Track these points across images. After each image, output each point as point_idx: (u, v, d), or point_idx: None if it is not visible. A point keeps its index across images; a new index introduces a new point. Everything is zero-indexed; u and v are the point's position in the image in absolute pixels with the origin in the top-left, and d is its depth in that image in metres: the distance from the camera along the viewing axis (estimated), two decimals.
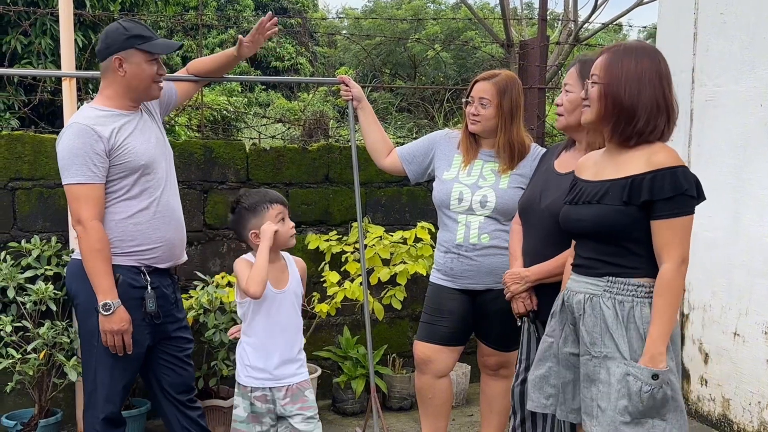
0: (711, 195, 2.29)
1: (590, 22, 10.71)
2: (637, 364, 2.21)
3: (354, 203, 3.85)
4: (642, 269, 2.28)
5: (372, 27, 16.71)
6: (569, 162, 2.87)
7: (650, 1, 10.57)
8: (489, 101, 3.19)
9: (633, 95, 2.26)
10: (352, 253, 4.44)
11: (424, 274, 4.15)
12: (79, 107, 3.15)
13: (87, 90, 6.24)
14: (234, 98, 11.53)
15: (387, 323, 4.81)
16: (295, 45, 17.52)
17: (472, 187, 3.25)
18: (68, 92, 3.70)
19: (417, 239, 4.47)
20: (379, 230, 4.51)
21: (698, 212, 2.28)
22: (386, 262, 4.42)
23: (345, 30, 18.89)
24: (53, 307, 3.74)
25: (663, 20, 4.70)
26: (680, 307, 4.47)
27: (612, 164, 2.34)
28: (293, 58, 17.40)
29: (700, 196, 2.24)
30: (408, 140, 5.13)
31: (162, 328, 3.02)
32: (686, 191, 2.20)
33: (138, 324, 2.89)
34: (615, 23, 11.25)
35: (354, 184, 3.71)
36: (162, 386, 3.11)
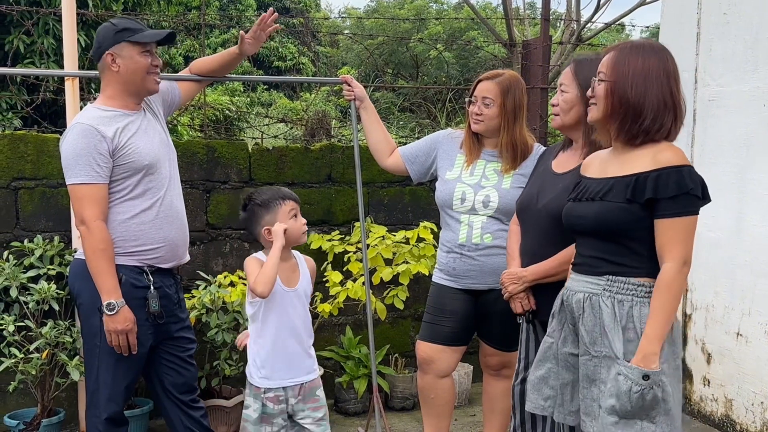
0: (714, 195, 2.27)
1: (593, 22, 10.71)
2: (629, 364, 2.17)
3: (356, 203, 3.85)
4: (643, 269, 2.25)
5: (374, 27, 16.72)
6: (566, 162, 2.88)
7: (653, 1, 10.57)
8: (492, 101, 3.19)
9: (640, 93, 2.23)
10: (355, 253, 4.44)
11: (427, 274, 4.15)
12: (82, 107, 3.15)
13: (90, 90, 6.24)
14: (236, 98, 11.53)
15: (389, 323, 4.81)
16: (298, 45, 17.53)
17: (475, 187, 3.24)
18: (71, 92, 3.71)
19: (419, 239, 4.47)
20: (382, 230, 4.51)
21: (701, 212, 2.26)
22: (389, 262, 4.42)
23: (347, 30, 18.90)
24: (56, 307, 3.75)
25: (666, 20, 4.69)
26: (683, 307, 4.47)
27: (617, 162, 2.32)
28: (295, 58, 17.42)
29: (706, 198, 2.21)
30: (410, 140, 5.13)
31: (165, 328, 3.02)
32: (691, 191, 2.17)
33: (141, 324, 2.89)
34: (617, 23, 11.25)
35: (356, 184, 3.71)
36: (164, 386, 3.11)
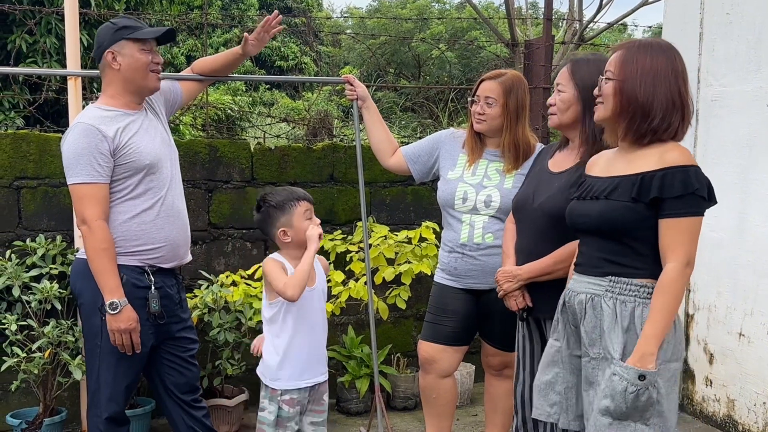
0: (717, 195, 2.26)
1: (595, 22, 10.71)
2: (624, 364, 2.15)
3: (359, 203, 3.85)
4: (646, 270, 2.23)
5: (376, 26, 16.71)
6: (562, 161, 2.87)
7: (655, 1, 10.58)
8: (495, 100, 3.19)
9: (648, 92, 2.21)
10: (357, 253, 4.44)
11: (429, 274, 4.15)
12: (85, 106, 3.15)
13: (92, 89, 6.24)
14: (239, 97, 11.55)
15: (391, 323, 4.80)
16: (300, 44, 17.54)
17: (477, 187, 3.24)
18: (73, 91, 3.71)
19: (422, 239, 4.47)
20: (384, 230, 4.51)
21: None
22: (391, 262, 4.42)
23: (349, 29, 18.90)
24: (58, 306, 3.75)
25: (669, 20, 4.69)
26: (685, 308, 4.47)
27: (623, 161, 2.30)
28: (297, 58, 17.42)
29: (711, 199, 2.19)
30: (412, 140, 5.13)
31: (166, 329, 3.01)
32: (696, 191, 2.15)
33: (142, 324, 2.88)
34: (620, 23, 11.24)
35: (359, 184, 3.71)
36: (166, 386, 3.11)
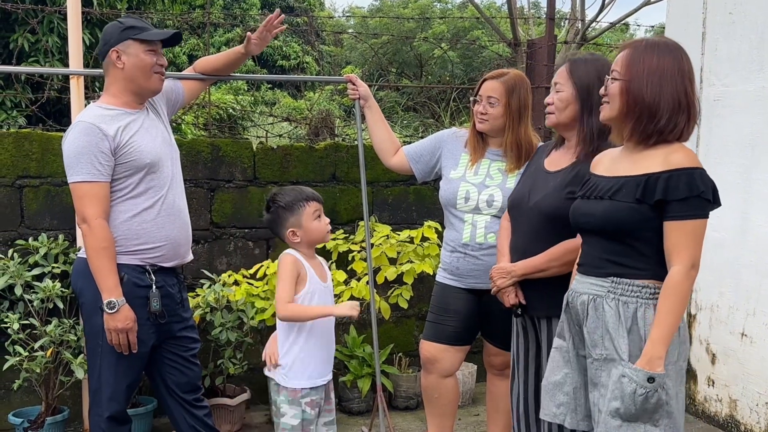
0: (719, 195, 2.26)
1: (597, 22, 10.69)
2: (634, 366, 2.15)
3: (361, 202, 3.85)
4: (648, 270, 2.23)
5: (378, 26, 16.70)
6: (558, 160, 2.87)
7: (657, 1, 10.56)
8: (497, 100, 3.18)
9: (655, 93, 2.20)
10: (359, 252, 4.44)
11: (431, 274, 4.15)
12: (87, 105, 3.15)
13: (94, 88, 6.24)
14: (240, 97, 11.54)
15: (393, 322, 4.80)
16: (302, 44, 17.53)
17: (479, 186, 3.24)
18: (76, 90, 3.71)
19: (424, 238, 4.47)
20: (386, 229, 4.51)
21: None
22: (393, 261, 4.42)
23: (351, 29, 18.89)
24: (60, 305, 3.76)
25: (671, 20, 4.68)
26: (687, 308, 4.47)
27: (628, 161, 2.30)
28: (299, 57, 17.40)
29: (716, 201, 2.19)
30: (414, 139, 5.13)
31: (167, 328, 3.01)
32: (702, 194, 2.14)
33: (143, 323, 2.89)
34: (622, 23, 11.23)
35: (361, 183, 3.71)
36: (168, 385, 3.11)
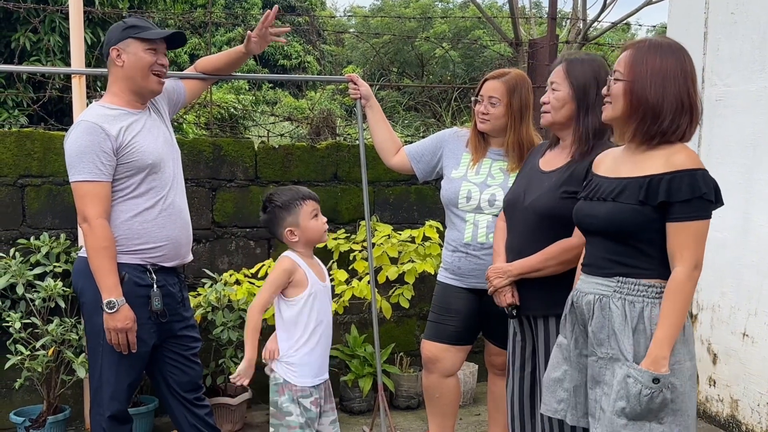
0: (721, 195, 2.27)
1: (599, 21, 10.68)
2: (639, 367, 2.16)
3: (362, 201, 3.85)
4: (653, 270, 2.24)
5: (380, 25, 16.69)
6: (553, 160, 2.87)
7: (659, 1, 10.54)
8: (499, 100, 3.18)
9: (659, 93, 2.20)
10: (360, 252, 4.44)
11: (432, 273, 4.15)
12: (89, 104, 3.15)
13: (95, 87, 6.25)
14: (242, 96, 11.54)
15: (394, 322, 4.80)
16: (303, 43, 17.52)
17: (481, 186, 3.24)
18: (77, 89, 3.72)
19: (425, 238, 4.47)
20: (387, 229, 4.50)
21: None
22: (394, 261, 4.42)
23: (353, 28, 18.89)
24: (62, 304, 3.76)
25: (673, 19, 4.68)
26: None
27: (630, 162, 2.30)
28: (301, 57, 17.41)
29: (718, 201, 2.20)
30: (415, 139, 5.13)
31: (168, 327, 3.02)
32: (704, 195, 2.15)
33: (144, 322, 2.89)
34: (624, 22, 11.22)
35: (362, 183, 3.71)
36: (169, 384, 3.11)
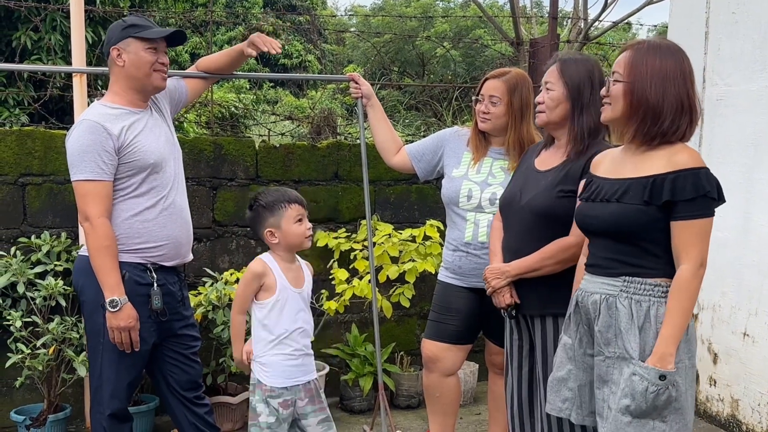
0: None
1: (600, 21, 10.67)
2: (644, 364, 2.17)
3: (363, 201, 3.85)
4: (659, 269, 2.25)
5: (381, 25, 16.69)
6: (548, 159, 2.88)
7: (660, 0, 10.54)
8: (499, 99, 3.19)
9: (659, 94, 2.22)
10: (361, 251, 4.44)
11: (433, 272, 4.15)
12: (90, 104, 3.15)
13: (96, 86, 6.25)
14: (242, 95, 11.54)
15: (395, 321, 4.81)
16: (304, 42, 17.52)
17: (482, 185, 3.24)
18: (78, 88, 3.71)
19: (426, 237, 4.47)
20: (388, 228, 4.51)
21: None
22: (395, 260, 4.42)
23: (354, 27, 18.87)
24: (63, 303, 3.76)
25: (674, 19, 4.68)
26: None
27: (631, 163, 2.31)
28: (302, 56, 17.40)
29: (721, 199, 2.23)
30: (416, 138, 5.13)
31: (168, 326, 3.02)
32: (708, 193, 2.18)
33: (144, 321, 2.89)
34: (625, 22, 11.21)
35: (363, 182, 3.71)
36: (169, 383, 3.12)
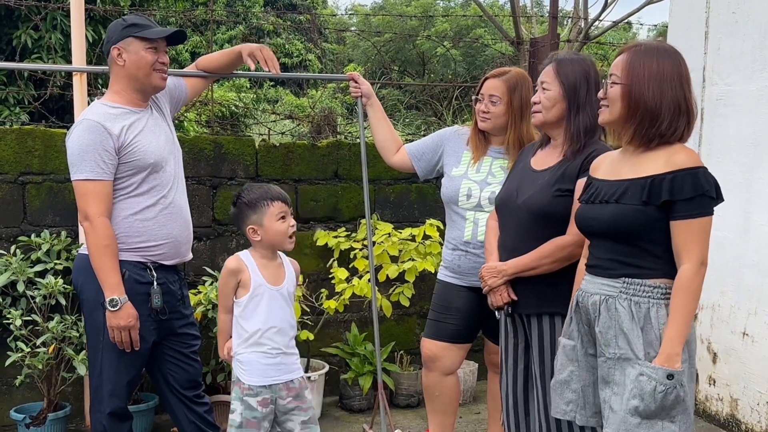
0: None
1: (600, 20, 10.67)
2: (652, 364, 2.18)
3: (363, 200, 3.85)
4: (659, 270, 2.26)
5: (381, 24, 16.68)
6: (545, 159, 2.88)
7: (660, 0, 10.53)
8: (499, 98, 3.19)
9: (656, 96, 2.24)
10: (361, 250, 4.45)
11: (433, 272, 4.15)
12: (90, 102, 3.15)
13: (97, 85, 6.25)
14: (243, 94, 11.53)
15: (395, 320, 4.81)
16: (304, 41, 17.52)
17: (481, 184, 3.24)
18: (79, 87, 3.71)
19: (425, 236, 4.47)
20: (388, 227, 4.51)
21: None
22: (394, 259, 4.42)
23: (354, 27, 18.87)
24: (63, 302, 3.76)
25: (674, 19, 4.68)
26: None
27: (630, 164, 2.32)
28: (302, 55, 17.40)
29: (719, 197, 2.24)
30: (416, 137, 5.13)
31: (168, 324, 3.03)
32: (706, 192, 2.19)
33: (143, 320, 2.89)
34: (625, 21, 11.21)
35: (363, 181, 3.71)
36: (168, 382, 3.12)
